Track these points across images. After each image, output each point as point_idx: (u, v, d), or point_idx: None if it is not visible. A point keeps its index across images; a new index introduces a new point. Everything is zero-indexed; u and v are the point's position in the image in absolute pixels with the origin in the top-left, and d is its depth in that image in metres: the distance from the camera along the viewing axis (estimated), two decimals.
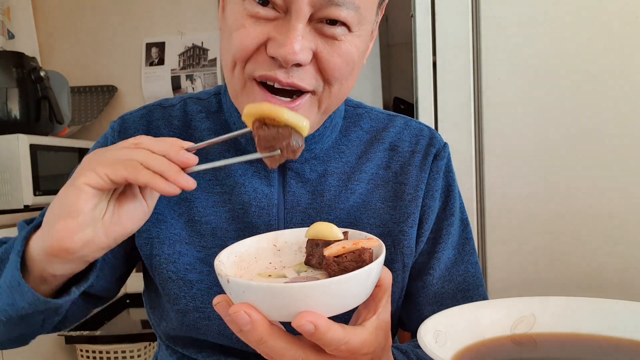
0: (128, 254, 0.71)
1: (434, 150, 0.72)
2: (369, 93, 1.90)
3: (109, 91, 2.24)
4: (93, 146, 0.72)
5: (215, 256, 0.48)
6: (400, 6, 1.92)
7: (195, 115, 0.71)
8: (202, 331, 0.65)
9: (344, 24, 0.56)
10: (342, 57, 0.57)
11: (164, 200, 0.66)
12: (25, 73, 1.67)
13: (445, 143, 0.74)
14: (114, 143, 0.70)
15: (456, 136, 1.10)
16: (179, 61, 2.24)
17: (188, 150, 0.53)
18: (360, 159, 0.70)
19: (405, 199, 0.69)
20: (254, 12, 0.56)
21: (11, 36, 2.14)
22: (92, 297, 0.71)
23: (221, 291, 0.47)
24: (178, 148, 0.52)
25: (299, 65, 0.56)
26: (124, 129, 0.70)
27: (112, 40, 2.25)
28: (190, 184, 0.51)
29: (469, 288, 0.71)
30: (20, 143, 1.57)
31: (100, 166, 0.50)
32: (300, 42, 0.54)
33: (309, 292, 0.40)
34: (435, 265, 0.70)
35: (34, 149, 1.61)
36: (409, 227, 0.68)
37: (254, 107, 0.50)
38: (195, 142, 0.68)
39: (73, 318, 0.70)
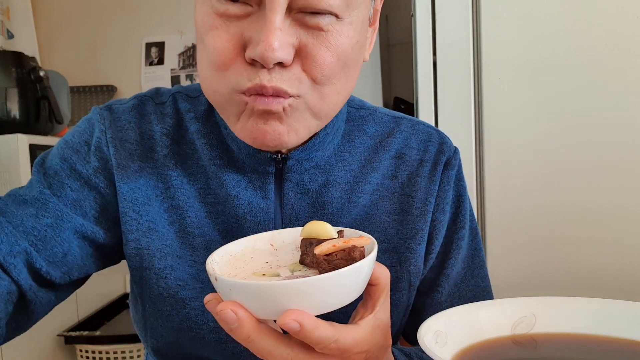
0: (105, 256, 0.63)
1: (443, 159, 0.66)
2: (369, 93, 1.90)
3: (109, 91, 2.24)
4: (72, 132, 0.64)
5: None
6: (400, 6, 1.92)
7: (185, 115, 0.65)
8: (196, 348, 0.62)
9: (329, 10, 0.49)
10: (331, 50, 0.50)
11: (154, 206, 0.62)
12: (25, 73, 1.67)
13: (456, 148, 0.69)
14: (104, 132, 0.62)
15: (456, 136, 1.09)
16: (179, 61, 2.24)
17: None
18: (365, 168, 0.65)
19: (413, 213, 0.64)
20: (222, 10, 0.50)
21: (10, 36, 2.14)
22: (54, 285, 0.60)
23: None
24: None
25: (281, 65, 0.49)
26: (115, 120, 0.64)
27: (112, 40, 2.26)
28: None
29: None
30: (20, 143, 1.57)
31: None
32: (279, 37, 0.47)
33: (293, 290, 0.39)
34: (443, 283, 0.66)
35: (33, 149, 1.60)
36: (417, 244, 0.63)
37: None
38: (187, 143, 0.63)
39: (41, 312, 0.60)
